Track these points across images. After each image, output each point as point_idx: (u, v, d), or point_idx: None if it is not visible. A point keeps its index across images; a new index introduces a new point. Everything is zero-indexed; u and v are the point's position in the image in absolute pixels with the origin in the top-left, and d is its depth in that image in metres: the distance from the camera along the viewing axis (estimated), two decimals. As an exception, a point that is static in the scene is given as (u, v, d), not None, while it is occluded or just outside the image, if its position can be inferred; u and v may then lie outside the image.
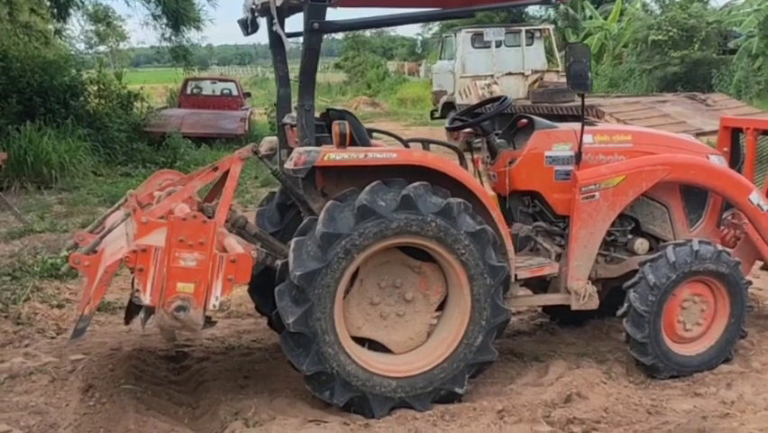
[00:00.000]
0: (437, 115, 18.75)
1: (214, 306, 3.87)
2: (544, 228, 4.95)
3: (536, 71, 17.28)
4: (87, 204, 10.96)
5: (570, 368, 4.84)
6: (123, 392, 4.49)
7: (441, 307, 4.59)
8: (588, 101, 14.06)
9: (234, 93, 20.36)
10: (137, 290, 3.84)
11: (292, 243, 4.24)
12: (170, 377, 4.99)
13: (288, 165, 4.32)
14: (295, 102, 4.67)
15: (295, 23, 4.69)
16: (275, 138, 5.12)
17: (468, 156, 5.21)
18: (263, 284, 4.53)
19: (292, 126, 4.81)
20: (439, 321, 4.60)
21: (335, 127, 4.28)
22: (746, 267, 5.12)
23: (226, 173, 4.72)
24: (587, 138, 4.85)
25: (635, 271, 4.81)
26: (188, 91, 19.90)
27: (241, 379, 4.87)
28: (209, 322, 3.99)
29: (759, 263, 5.51)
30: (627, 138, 5.02)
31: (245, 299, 5.75)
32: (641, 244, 5.01)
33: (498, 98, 5.37)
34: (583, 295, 4.76)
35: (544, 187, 4.89)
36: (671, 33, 21.89)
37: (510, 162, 4.96)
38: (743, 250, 5.20)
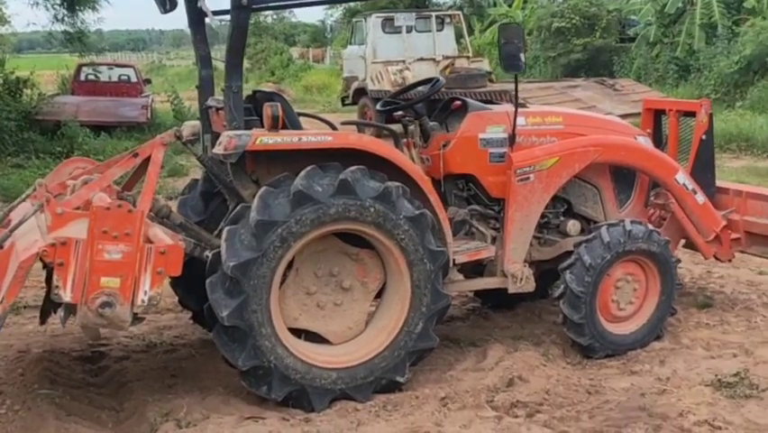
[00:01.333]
0: (348, 101, 18.48)
1: (143, 301, 3.65)
2: (479, 212, 4.89)
3: (447, 57, 17.29)
4: (-24, 198, 10.21)
5: (508, 352, 4.82)
6: (39, 398, 4.18)
7: (379, 294, 4.46)
8: (500, 87, 14.39)
9: (133, 79, 19.46)
10: (56, 287, 3.55)
11: (224, 232, 4.02)
12: (88, 379, 4.70)
13: (218, 150, 4.08)
14: (218, 84, 4.42)
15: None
16: (197, 122, 4.85)
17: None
18: (187, 277, 4.24)
19: (217, 109, 4.56)
20: (378, 309, 4.47)
21: (267, 109, 4.07)
22: (672, 246, 5.22)
23: (147, 160, 4.46)
24: (520, 120, 4.81)
25: (569, 253, 4.82)
26: (82, 77, 18.86)
27: (167, 378, 4.63)
28: (137, 318, 3.72)
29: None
30: (559, 120, 5.02)
31: (164, 294, 5.42)
32: (573, 226, 5.02)
33: (429, 80, 5.26)
34: (520, 278, 4.74)
35: (478, 170, 4.83)
36: (573, 21, 22.39)
37: (444, 145, 4.87)
38: (669, 229, 5.30)
